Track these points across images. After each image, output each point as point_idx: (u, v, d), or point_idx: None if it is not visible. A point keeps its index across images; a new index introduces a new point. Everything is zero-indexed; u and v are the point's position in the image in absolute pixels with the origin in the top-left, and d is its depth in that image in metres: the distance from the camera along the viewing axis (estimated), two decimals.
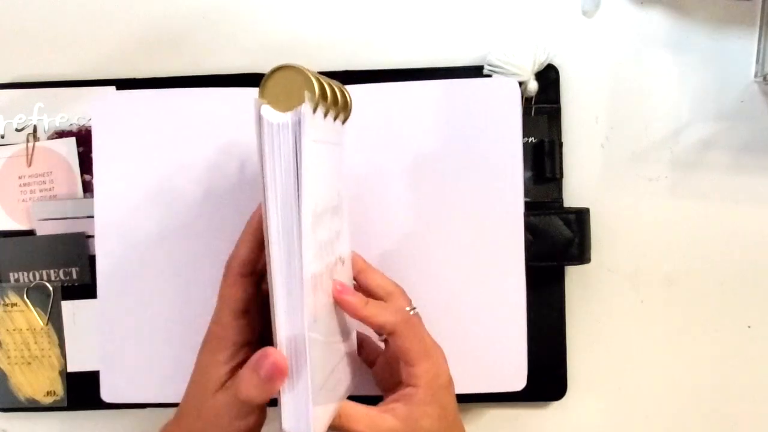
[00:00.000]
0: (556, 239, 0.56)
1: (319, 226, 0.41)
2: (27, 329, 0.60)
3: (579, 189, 0.59)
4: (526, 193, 0.56)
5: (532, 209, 0.56)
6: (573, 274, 0.59)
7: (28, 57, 0.61)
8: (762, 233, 0.59)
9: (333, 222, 0.44)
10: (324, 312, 0.43)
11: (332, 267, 0.45)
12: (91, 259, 0.59)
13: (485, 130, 0.56)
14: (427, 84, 0.56)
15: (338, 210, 0.46)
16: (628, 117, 0.59)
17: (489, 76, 0.57)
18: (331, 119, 0.44)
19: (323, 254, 0.42)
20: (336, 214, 0.46)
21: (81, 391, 0.59)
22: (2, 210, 0.59)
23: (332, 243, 0.44)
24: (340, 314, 0.47)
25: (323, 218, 0.42)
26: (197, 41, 0.60)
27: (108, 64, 0.60)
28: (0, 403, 0.60)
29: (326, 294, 0.43)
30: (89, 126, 0.59)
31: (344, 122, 0.47)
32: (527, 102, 0.57)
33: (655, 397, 0.60)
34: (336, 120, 0.45)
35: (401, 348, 0.46)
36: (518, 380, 0.56)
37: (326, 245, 0.43)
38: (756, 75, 0.58)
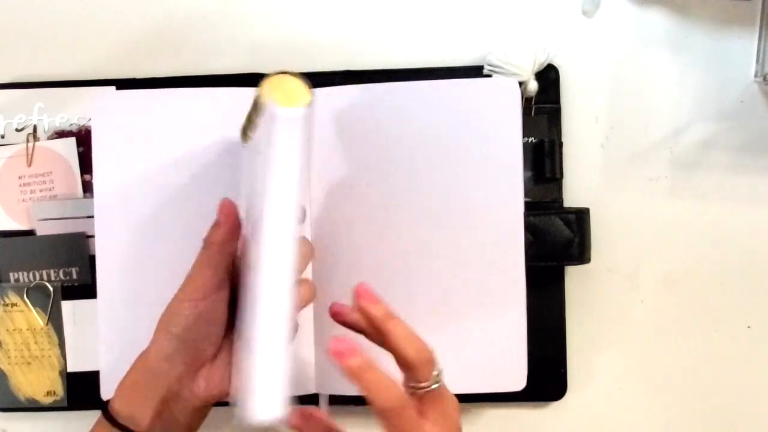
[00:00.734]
0: (556, 239, 0.56)
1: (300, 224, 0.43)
2: (27, 329, 0.60)
3: (579, 189, 0.59)
4: (526, 193, 0.56)
5: (532, 209, 0.56)
6: (573, 274, 0.59)
7: (28, 57, 0.61)
8: (762, 233, 0.59)
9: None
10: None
11: None
12: (91, 259, 0.59)
13: (485, 130, 0.56)
14: (427, 84, 0.56)
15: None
16: (628, 117, 0.59)
17: (489, 76, 0.57)
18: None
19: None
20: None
21: (81, 391, 0.59)
22: (2, 210, 0.59)
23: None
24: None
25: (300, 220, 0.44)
26: (197, 41, 0.60)
27: (108, 64, 0.60)
28: (0, 403, 0.60)
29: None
30: (89, 126, 0.59)
31: None
32: (527, 102, 0.57)
33: (655, 397, 0.60)
34: None
35: (384, 429, 0.41)
36: (518, 380, 0.56)
37: None
38: (756, 75, 0.58)
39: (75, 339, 0.59)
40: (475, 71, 0.58)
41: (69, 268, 0.59)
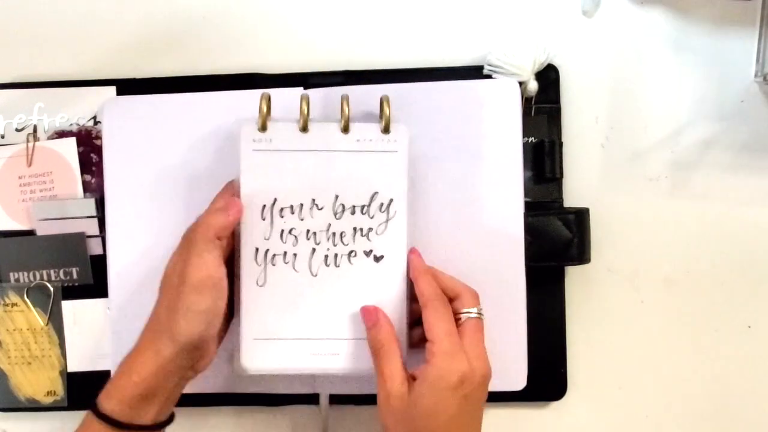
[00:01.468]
0: (555, 240, 0.56)
1: (281, 217, 0.52)
2: (27, 329, 0.60)
3: (579, 189, 0.59)
4: (526, 193, 0.56)
5: (532, 209, 0.56)
6: (573, 274, 0.59)
7: (28, 57, 0.61)
8: (762, 233, 0.59)
9: (322, 216, 0.52)
10: (287, 282, 0.52)
11: (332, 254, 0.52)
12: (92, 259, 0.59)
13: (485, 131, 0.56)
14: (428, 85, 0.56)
15: (343, 208, 0.52)
16: (628, 117, 0.59)
17: (489, 76, 0.57)
18: (319, 130, 0.52)
19: (290, 238, 0.52)
20: (332, 210, 0.52)
21: (81, 391, 0.59)
22: (2, 210, 0.59)
23: (323, 233, 0.52)
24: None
25: (292, 211, 0.52)
26: (197, 41, 0.60)
27: (108, 64, 0.60)
28: (0, 403, 0.60)
29: (294, 269, 0.52)
30: (89, 126, 0.59)
31: (345, 130, 0.52)
32: (527, 102, 0.57)
33: (655, 397, 0.60)
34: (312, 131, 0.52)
35: (428, 322, 0.49)
36: (518, 380, 0.56)
37: (306, 233, 0.52)
38: (756, 75, 0.58)
39: (75, 339, 0.59)
40: (475, 71, 0.58)
41: (69, 268, 0.59)
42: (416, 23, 0.59)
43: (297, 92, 0.55)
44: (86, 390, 0.58)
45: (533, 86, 0.56)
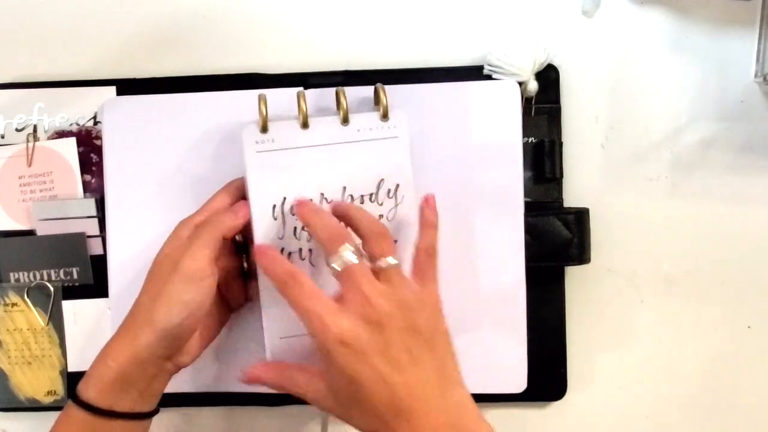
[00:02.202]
0: (555, 240, 0.56)
1: (292, 215, 0.52)
2: (27, 329, 0.60)
3: (579, 189, 0.59)
4: (526, 193, 0.56)
5: (532, 209, 0.56)
6: (573, 274, 0.59)
7: (28, 57, 0.61)
8: (762, 233, 0.59)
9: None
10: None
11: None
12: (92, 259, 0.59)
13: (485, 131, 0.56)
14: (427, 86, 0.56)
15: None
16: (628, 117, 0.59)
17: (489, 76, 0.57)
18: (319, 125, 0.52)
19: (304, 234, 0.52)
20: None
21: None
22: (2, 210, 0.59)
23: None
24: None
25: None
26: (197, 41, 0.60)
27: (108, 64, 0.60)
28: (0, 403, 0.60)
29: (311, 264, 0.53)
30: (89, 126, 0.59)
31: (344, 122, 0.52)
32: (527, 102, 0.57)
33: (655, 397, 0.60)
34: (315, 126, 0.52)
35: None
36: (518, 382, 0.56)
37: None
38: (756, 75, 0.58)
39: (75, 339, 0.59)
40: (475, 71, 0.58)
41: (69, 268, 0.59)
42: (416, 23, 0.59)
43: (296, 92, 0.55)
44: None
45: (533, 86, 0.56)
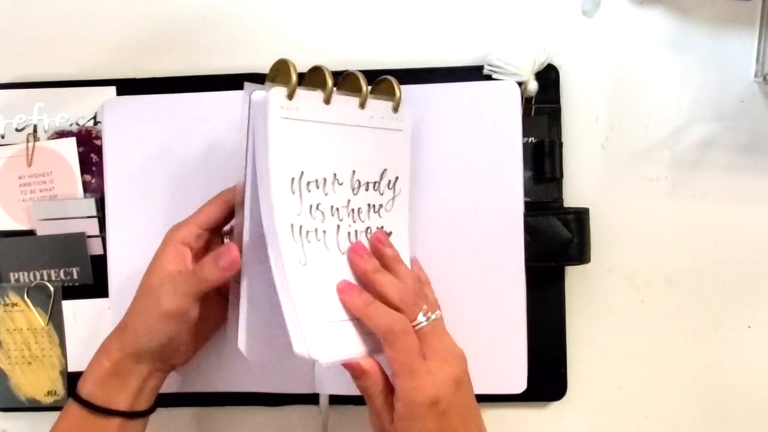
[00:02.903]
0: (555, 240, 0.56)
1: (308, 191, 0.49)
2: (27, 329, 0.60)
3: (579, 189, 0.59)
4: (526, 193, 0.56)
5: (532, 209, 0.56)
6: (573, 274, 0.59)
7: (28, 57, 0.61)
8: (762, 233, 0.59)
9: (343, 192, 0.51)
10: (323, 260, 0.49)
11: (353, 230, 0.51)
12: (92, 259, 0.59)
13: (485, 131, 0.56)
14: (428, 87, 0.56)
15: (359, 183, 0.52)
16: (628, 117, 0.59)
17: (489, 76, 0.57)
18: (341, 103, 0.50)
19: (318, 214, 0.49)
20: (350, 186, 0.51)
21: None
22: (2, 210, 0.59)
23: (344, 209, 0.51)
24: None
25: (317, 185, 0.49)
26: (197, 41, 0.60)
27: (108, 64, 0.60)
28: (0, 403, 0.60)
29: (326, 247, 0.50)
30: (89, 126, 0.59)
31: (362, 106, 0.51)
32: (527, 102, 0.57)
33: (655, 397, 0.60)
34: (342, 104, 0.50)
35: (388, 357, 0.46)
36: (518, 383, 0.56)
37: (330, 209, 0.50)
38: (756, 75, 0.58)
39: (75, 339, 0.59)
40: (475, 71, 0.58)
41: (69, 268, 0.59)
42: (416, 23, 0.59)
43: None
44: None
45: (533, 86, 0.56)
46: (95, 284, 0.59)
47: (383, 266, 0.50)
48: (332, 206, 0.50)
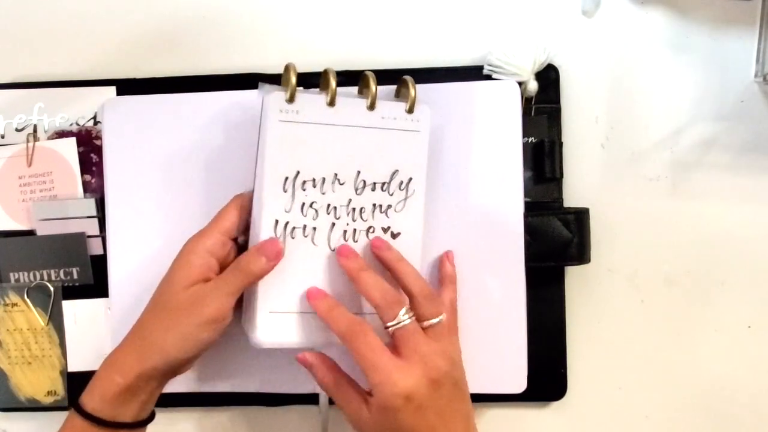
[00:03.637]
0: (555, 240, 0.56)
1: (303, 190, 0.51)
2: (27, 329, 0.60)
3: (579, 189, 0.59)
4: (526, 193, 0.56)
5: (532, 209, 0.56)
6: (573, 274, 0.59)
7: (28, 57, 0.61)
8: (762, 233, 0.59)
9: (343, 191, 0.52)
10: (305, 256, 0.52)
11: (350, 229, 0.53)
12: (92, 259, 0.59)
13: (485, 131, 0.56)
14: (428, 87, 0.56)
15: (364, 184, 0.53)
16: (628, 117, 0.59)
17: (489, 76, 0.57)
18: (346, 105, 0.52)
19: (311, 212, 0.52)
20: (353, 186, 0.52)
21: (82, 391, 0.59)
22: (2, 210, 0.59)
23: (343, 208, 0.52)
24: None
25: (314, 184, 0.51)
26: (197, 41, 0.60)
27: (108, 64, 0.60)
28: (0, 403, 0.60)
29: (313, 243, 0.52)
30: (89, 126, 0.59)
31: (371, 107, 0.52)
32: (527, 102, 0.57)
33: (655, 397, 0.60)
34: (347, 106, 0.52)
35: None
36: (518, 383, 0.56)
37: (327, 207, 0.52)
38: (756, 75, 0.58)
39: (75, 339, 0.59)
40: (475, 71, 0.58)
41: (69, 268, 0.59)
42: (416, 23, 0.59)
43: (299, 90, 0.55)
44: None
45: (533, 86, 0.56)
46: (95, 284, 0.59)
47: (387, 269, 0.52)
48: (329, 205, 0.52)
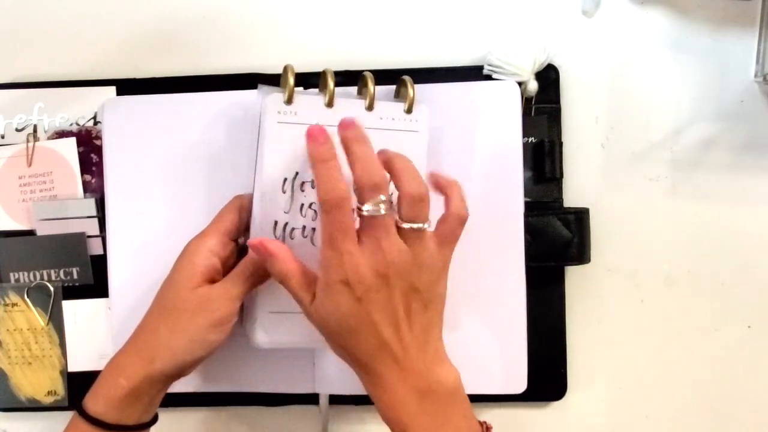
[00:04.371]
0: (555, 240, 0.56)
1: (302, 191, 0.51)
2: (28, 329, 0.60)
3: (579, 189, 0.59)
4: (526, 193, 0.56)
5: (532, 209, 0.56)
6: (573, 274, 0.59)
7: (28, 57, 0.61)
8: (762, 233, 0.59)
9: None
10: (305, 257, 0.49)
11: None
12: (92, 259, 0.59)
13: (485, 131, 0.56)
14: (428, 87, 0.56)
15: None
16: (628, 117, 0.59)
17: (489, 76, 0.57)
18: (344, 106, 0.52)
19: (310, 213, 0.51)
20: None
21: (82, 391, 0.59)
22: (2, 210, 0.59)
23: None
24: None
25: (313, 185, 0.50)
26: (197, 41, 0.60)
27: (108, 64, 0.60)
28: (0, 403, 0.60)
29: (312, 243, 0.52)
30: (89, 126, 0.59)
31: (369, 108, 0.52)
32: (527, 102, 0.57)
33: (655, 397, 0.60)
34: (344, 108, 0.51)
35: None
36: (518, 383, 0.56)
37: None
38: (756, 75, 0.58)
39: (76, 339, 0.59)
40: (475, 71, 0.58)
41: (69, 268, 0.59)
42: (416, 23, 0.59)
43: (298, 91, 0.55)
44: (87, 390, 0.58)
45: (533, 86, 0.56)
46: (95, 284, 0.59)
47: (382, 161, 0.47)
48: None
